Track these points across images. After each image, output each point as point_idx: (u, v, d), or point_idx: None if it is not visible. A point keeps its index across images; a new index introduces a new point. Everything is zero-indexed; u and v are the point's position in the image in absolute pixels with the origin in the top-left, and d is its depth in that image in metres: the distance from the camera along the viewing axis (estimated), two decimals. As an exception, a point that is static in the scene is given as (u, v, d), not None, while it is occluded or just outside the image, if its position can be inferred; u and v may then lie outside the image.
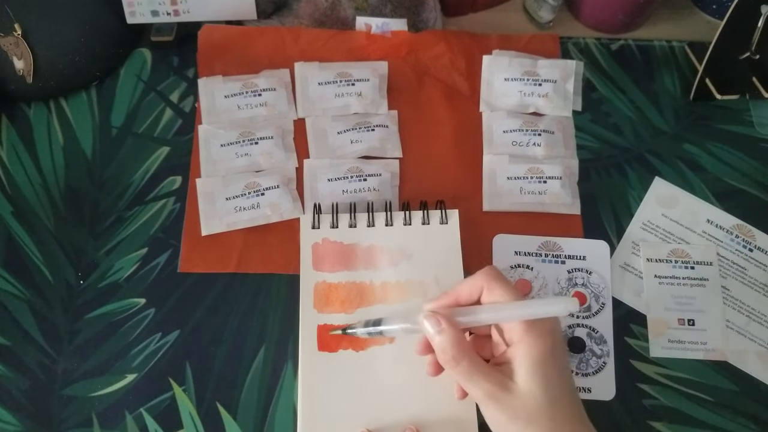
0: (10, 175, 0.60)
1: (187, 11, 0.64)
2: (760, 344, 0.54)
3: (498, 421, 0.40)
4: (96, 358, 0.52)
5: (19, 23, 0.59)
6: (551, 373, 0.39)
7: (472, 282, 0.43)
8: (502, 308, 0.41)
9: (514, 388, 0.39)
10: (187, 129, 0.62)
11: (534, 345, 0.39)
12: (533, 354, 0.39)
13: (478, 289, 0.42)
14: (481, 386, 0.40)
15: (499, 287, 0.42)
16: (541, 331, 0.40)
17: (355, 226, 0.56)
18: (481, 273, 0.43)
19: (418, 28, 0.66)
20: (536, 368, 0.39)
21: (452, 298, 0.44)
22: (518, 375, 0.39)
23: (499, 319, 0.41)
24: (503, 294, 0.41)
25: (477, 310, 0.42)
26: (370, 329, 0.48)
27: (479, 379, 0.40)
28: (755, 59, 0.63)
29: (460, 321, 0.42)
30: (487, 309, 0.42)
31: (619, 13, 0.67)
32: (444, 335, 0.41)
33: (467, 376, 0.40)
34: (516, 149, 0.62)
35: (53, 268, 0.56)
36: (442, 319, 0.41)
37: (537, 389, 0.39)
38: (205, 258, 0.56)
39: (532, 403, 0.39)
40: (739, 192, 0.61)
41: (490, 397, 0.39)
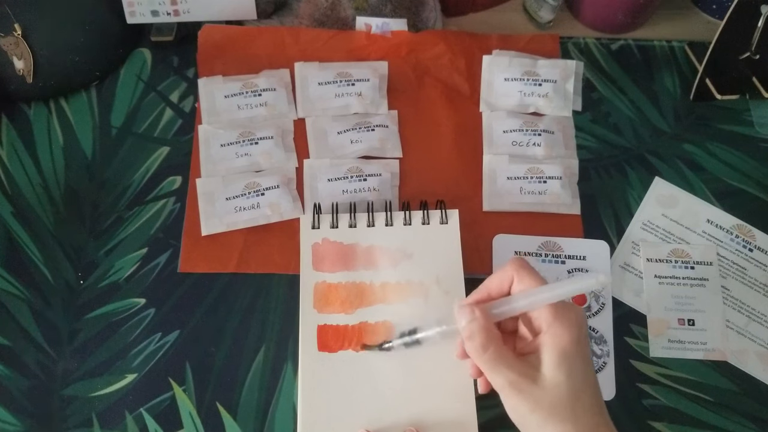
0: (10, 175, 0.60)
1: (187, 11, 0.64)
2: (760, 344, 0.54)
3: (519, 412, 0.40)
4: (96, 358, 0.52)
5: (19, 23, 0.59)
6: (576, 364, 0.40)
7: (501, 274, 0.43)
8: (535, 293, 0.41)
9: (539, 378, 0.39)
10: (187, 129, 0.62)
11: (561, 335, 0.39)
12: (560, 344, 0.39)
13: (508, 279, 0.43)
14: (505, 375, 0.40)
15: (528, 276, 0.42)
16: (569, 321, 0.40)
17: (355, 226, 0.56)
18: (509, 264, 0.43)
19: (418, 28, 0.66)
20: (562, 358, 0.39)
21: (483, 293, 0.44)
22: (544, 364, 0.39)
23: (533, 304, 0.41)
24: (532, 282, 0.42)
25: (509, 300, 0.42)
26: (406, 340, 0.48)
27: (504, 368, 0.40)
28: (755, 59, 0.63)
29: (494, 313, 0.42)
30: (520, 297, 0.42)
31: (619, 13, 0.67)
32: (474, 323, 0.41)
33: (492, 365, 0.40)
34: (516, 149, 0.62)
35: (53, 268, 0.56)
36: (475, 308, 0.42)
37: (561, 379, 0.39)
38: (205, 258, 0.56)
39: (555, 393, 0.39)
40: (739, 192, 0.61)
41: (514, 386, 0.39)
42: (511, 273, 0.43)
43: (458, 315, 0.42)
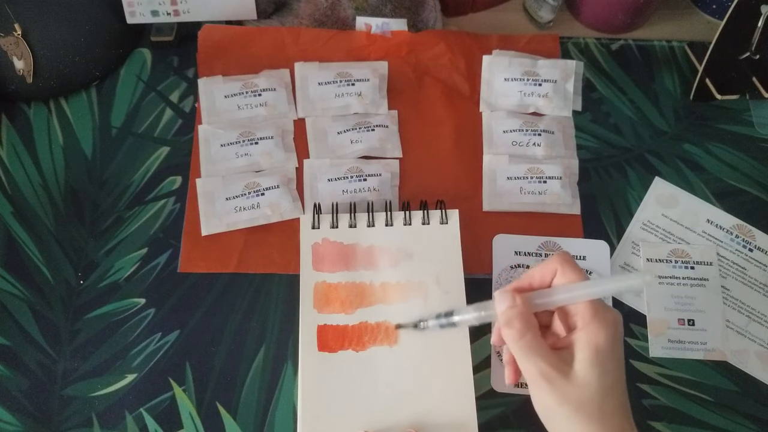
0: (10, 175, 0.60)
1: (187, 11, 0.64)
2: (760, 344, 0.54)
3: (546, 405, 0.40)
4: (96, 358, 0.52)
5: (19, 23, 0.59)
6: (609, 364, 0.39)
7: (544, 265, 0.43)
8: (578, 287, 0.41)
9: (571, 373, 0.39)
10: (187, 129, 0.62)
11: (598, 333, 0.39)
12: (596, 342, 0.39)
13: (551, 272, 0.43)
14: (538, 365, 0.39)
15: (571, 270, 0.42)
16: (606, 321, 0.40)
17: (355, 226, 0.56)
18: (554, 257, 0.43)
19: (418, 28, 0.66)
20: (596, 356, 0.39)
21: (525, 282, 0.44)
22: (577, 361, 0.39)
23: (575, 298, 0.41)
24: (575, 277, 0.42)
25: (551, 292, 0.42)
26: (442, 321, 0.47)
27: (538, 358, 0.40)
28: (755, 59, 0.63)
29: (535, 303, 0.42)
30: (562, 290, 0.42)
31: (619, 13, 0.67)
32: (513, 310, 0.41)
33: (527, 353, 0.40)
34: (516, 149, 0.62)
35: (53, 268, 0.56)
36: (516, 295, 0.42)
37: (593, 378, 0.39)
38: (205, 258, 0.56)
39: (585, 390, 0.39)
40: (739, 192, 0.61)
41: (545, 378, 0.39)
42: (554, 265, 0.43)
43: (498, 300, 0.42)
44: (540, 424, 0.51)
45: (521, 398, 0.52)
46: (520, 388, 0.52)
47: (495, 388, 0.52)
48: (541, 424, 0.51)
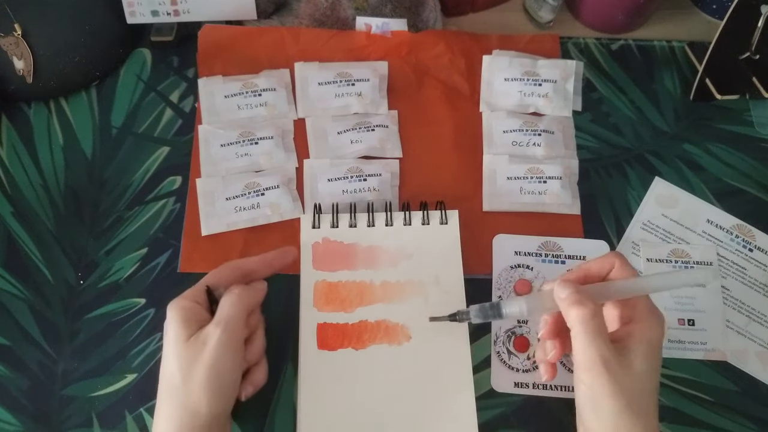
0: (10, 175, 0.60)
1: (187, 11, 0.64)
2: (760, 344, 0.54)
3: (600, 393, 0.39)
4: (96, 358, 0.52)
5: (19, 23, 0.59)
6: (658, 360, 0.40)
7: (602, 259, 0.44)
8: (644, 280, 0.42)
9: (628, 364, 0.39)
10: (187, 129, 0.62)
11: (653, 329, 0.40)
12: (652, 336, 0.40)
13: (609, 265, 0.43)
14: (602, 350, 0.39)
15: (628, 267, 0.43)
16: (660, 319, 0.41)
17: (355, 226, 0.56)
18: (611, 253, 0.44)
19: (418, 28, 0.66)
20: (651, 351, 0.40)
21: (582, 272, 0.44)
22: (634, 353, 0.39)
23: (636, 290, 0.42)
24: (632, 273, 0.42)
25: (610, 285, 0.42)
26: (488, 314, 0.46)
27: (602, 342, 0.39)
28: (755, 59, 0.63)
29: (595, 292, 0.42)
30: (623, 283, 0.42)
31: (619, 13, 0.67)
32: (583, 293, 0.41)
33: (594, 336, 0.39)
34: (516, 149, 0.62)
35: (53, 268, 0.56)
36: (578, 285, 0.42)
37: (646, 371, 0.39)
38: (205, 258, 0.56)
39: (637, 383, 0.39)
40: (739, 192, 0.61)
41: (605, 364, 0.39)
42: (612, 260, 0.43)
43: (560, 288, 0.42)
44: (540, 424, 0.51)
45: (521, 398, 0.51)
46: (520, 388, 0.52)
47: (495, 388, 0.52)
48: (541, 424, 0.51)
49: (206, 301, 0.46)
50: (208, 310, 0.46)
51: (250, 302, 0.46)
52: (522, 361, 0.53)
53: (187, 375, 0.42)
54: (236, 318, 0.44)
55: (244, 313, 0.45)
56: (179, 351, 0.42)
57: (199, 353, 0.42)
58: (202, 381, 0.41)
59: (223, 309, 0.44)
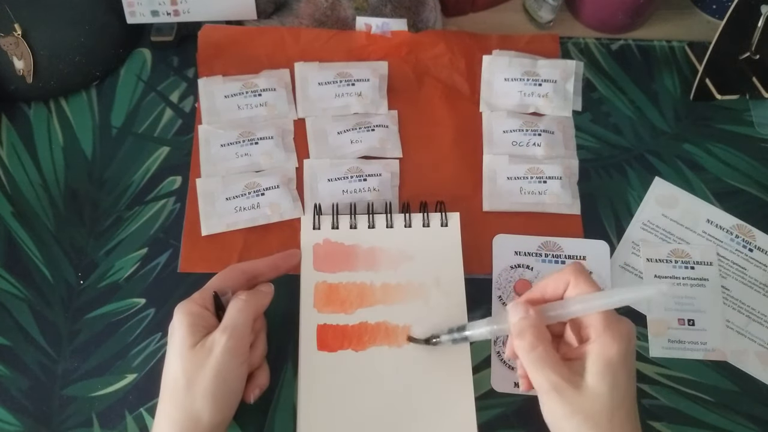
0: (10, 175, 0.60)
1: (187, 11, 0.64)
2: (760, 344, 0.54)
3: (556, 415, 0.40)
4: (96, 358, 0.52)
5: (19, 23, 0.59)
6: (620, 376, 0.40)
7: (557, 277, 0.43)
8: (592, 298, 0.41)
9: (582, 384, 0.39)
10: (187, 129, 0.62)
11: (610, 345, 0.39)
12: (607, 354, 0.39)
13: (564, 283, 0.43)
14: (549, 377, 0.40)
15: (585, 282, 0.42)
16: (619, 333, 0.40)
17: (355, 228, 0.56)
18: (568, 269, 0.43)
19: (418, 28, 0.66)
20: (607, 369, 0.39)
21: (537, 293, 0.44)
22: (589, 372, 0.39)
23: (587, 309, 0.41)
24: (588, 288, 0.42)
25: (563, 304, 0.42)
26: (455, 336, 0.48)
27: (549, 370, 0.40)
28: (755, 59, 0.63)
29: (548, 315, 0.42)
30: (575, 301, 0.42)
31: (619, 13, 0.67)
32: (525, 321, 0.41)
33: (539, 365, 0.40)
34: (516, 149, 0.62)
35: (53, 268, 0.56)
36: (529, 307, 0.42)
37: (604, 390, 0.39)
38: (205, 258, 0.56)
39: (595, 402, 0.39)
40: (739, 192, 0.61)
41: (556, 389, 0.39)
42: (567, 277, 0.43)
43: (511, 312, 0.42)
44: (540, 424, 0.51)
45: (521, 398, 0.51)
46: (520, 388, 0.52)
47: (495, 388, 0.52)
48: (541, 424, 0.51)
49: (213, 305, 0.46)
50: (214, 315, 0.46)
51: (257, 308, 0.46)
52: (522, 361, 0.53)
53: (191, 381, 0.42)
54: (243, 324, 0.44)
55: (251, 319, 0.45)
56: (184, 356, 0.42)
57: (205, 360, 0.42)
58: (207, 387, 0.42)
59: (230, 315, 0.44)
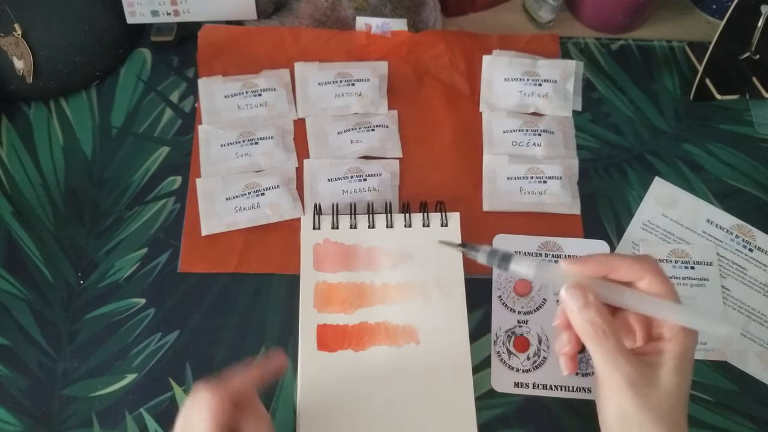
0: (10, 175, 0.60)
1: (187, 11, 0.64)
2: (760, 344, 0.54)
3: (626, 412, 0.38)
4: (96, 358, 0.52)
5: (19, 23, 0.59)
6: (689, 371, 0.39)
7: (634, 265, 0.40)
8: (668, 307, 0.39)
9: (656, 380, 0.38)
10: (187, 129, 0.62)
11: (685, 343, 0.39)
12: (683, 352, 0.39)
13: (637, 274, 0.40)
14: (623, 370, 0.38)
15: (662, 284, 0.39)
16: (692, 331, 0.39)
17: (355, 228, 0.56)
18: (647, 262, 0.40)
19: (418, 28, 0.66)
20: (682, 365, 0.39)
21: (604, 268, 0.40)
22: (664, 369, 0.38)
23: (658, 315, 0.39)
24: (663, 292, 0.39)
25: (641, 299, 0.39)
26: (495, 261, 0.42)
27: (624, 362, 0.38)
28: (755, 59, 0.63)
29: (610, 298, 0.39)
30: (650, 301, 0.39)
31: (619, 14, 0.67)
32: (591, 309, 0.38)
33: (612, 356, 0.38)
34: (516, 149, 0.62)
35: (53, 268, 0.56)
36: (588, 293, 0.39)
37: (677, 386, 0.38)
38: (205, 258, 0.56)
39: (670, 398, 0.38)
40: (739, 192, 0.61)
41: (630, 384, 0.38)
42: (643, 273, 0.39)
43: (569, 297, 0.39)
44: (540, 424, 0.51)
45: (521, 398, 0.52)
46: (520, 388, 0.52)
47: (495, 388, 0.52)
48: (541, 424, 0.51)
49: None
50: None
51: None
52: (522, 361, 0.53)
53: None
54: None
55: None
56: None
57: None
58: None
59: None
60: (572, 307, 0.39)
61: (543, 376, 0.52)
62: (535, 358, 0.53)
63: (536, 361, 0.53)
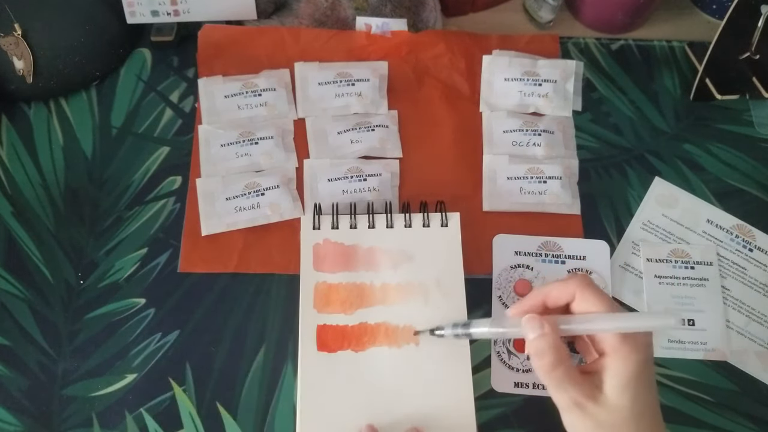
0: (10, 175, 0.60)
1: (187, 11, 0.64)
2: (760, 344, 0.54)
3: (578, 429, 0.40)
4: (96, 358, 0.52)
5: (19, 23, 0.59)
6: (641, 387, 0.39)
7: (563, 286, 0.41)
8: (605, 319, 0.40)
9: (602, 399, 0.39)
10: (187, 129, 0.62)
11: (628, 359, 0.39)
12: (626, 368, 0.39)
13: (569, 294, 0.41)
14: (569, 393, 0.39)
15: (593, 296, 0.40)
16: (636, 345, 0.39)
17: (355, 228, 0.56)
18: (575, 279, 0.41)
19: (418, 28, 0.66)
20: (627, 382, 0.39)
21: (540, 299, 0.42)
22: (608, 387, 0.39)
23: (604, 330, 0.40)
24: (597, 304, 0.40)
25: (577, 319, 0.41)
26: (459, 331, 0.47)
27: (569, 386, 0.39)
28: (755, 59, 0.63)
29: (562, 329, 0.41)
30: (590, 319, 0.40)
31: (619, 13, 0.67)
32: (545, 340, 0.40)
33: (558, 383, 0.39)
34: (516, 149, 0.62)
35: (53, 268, 0.56)
36: (545, 323, 0.40)
37: (625, 403, 0.38)
38: (205, 258, 0.56)
39: (618, 416, 0.38)
40: (739, 192, 0.61)
41: (577, 405, 0.39)
42: (573, 289, 0.41)
43: (526, 326, 0.41)
44: (540, 424, 0.51)
45: (521, 398, 0.52)
46: (520, 388, 0.52)
47: (495, 388, 0.52)
48: (541, 424, 0.51)
49: None
50: None
51: None
52: (522, 361, 0.53)
53: None
54: None
55: None
56: None
57: None
58: None
59: None
60: (528, 337, 0.41)
61: (543, 376, 0.52)
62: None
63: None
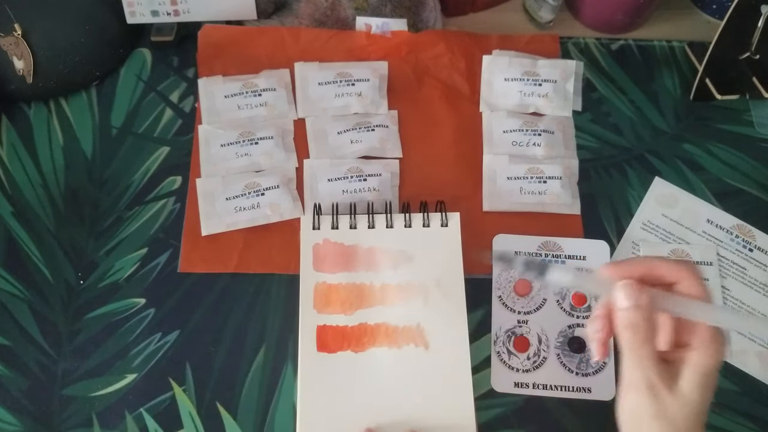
0: (10, 175, 0.60)
1: (187, 11, 0.64)
2: (760, 344, 0.54)
3: (639, 414, 0.39)
4: (96, 358, 0.52)
5: (19, 23, 0.59)
6: (709, 388, 0.39)
7: (674, 265, 0.40)
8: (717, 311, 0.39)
9: (675, 389, 0.38)
10: (187, 129, 0.62)
11: (711, 357, 0.38)
12: (708, 365, 0.38)
13: (676, 276, 0.39)
14: (647, 374, 0.38)
15: (701, 286, 0.39)
16: (721, 346, 0.38)
17: (355, 228, 0.56)
18: (688, 263, 0.40)
19: (418, 28, 0.66)
20: (704, 380, 0.38)
21: (642, 268, 0.40)
22: (685, 379, 0.38)
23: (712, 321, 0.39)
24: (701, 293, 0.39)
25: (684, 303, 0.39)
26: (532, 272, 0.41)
27: (651, 367, 0.38)
28: (755, 59, 0.63)
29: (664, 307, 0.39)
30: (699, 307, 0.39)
31: (619, 13, 0.67)
32: (640, 313, 0.38)
33: (641, 360, 0.38)
34: (516, 149, 0.62)
35: (53, 268, 0.56)
36: (644, 294, 0.38)
37: (697, 399, 0.38)
38: (205, 258, 0.56)
39: (685, 409, 0.38)
40: (739, 192, 0.61)
41: (650, 388, 0.38)
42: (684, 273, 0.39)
43: (621, 292, 0.39)
44: (540, 424, 0.51)
45: (521, 398, 0.52)
46: (520, 388, 0.52)
47: (495, 388, 0.52)
48: (541, 424, 0.51)
49: None
50: None
51: None
52: (522, 361, 0.53)
53: None
54: None
55: None
56: None
57: None
58: None
59: None
60: (622, 304, 0.39)
61: (543, 376, 0.52)
62: (535, 358, 0.53)
63: (536, 361, 0.53)
